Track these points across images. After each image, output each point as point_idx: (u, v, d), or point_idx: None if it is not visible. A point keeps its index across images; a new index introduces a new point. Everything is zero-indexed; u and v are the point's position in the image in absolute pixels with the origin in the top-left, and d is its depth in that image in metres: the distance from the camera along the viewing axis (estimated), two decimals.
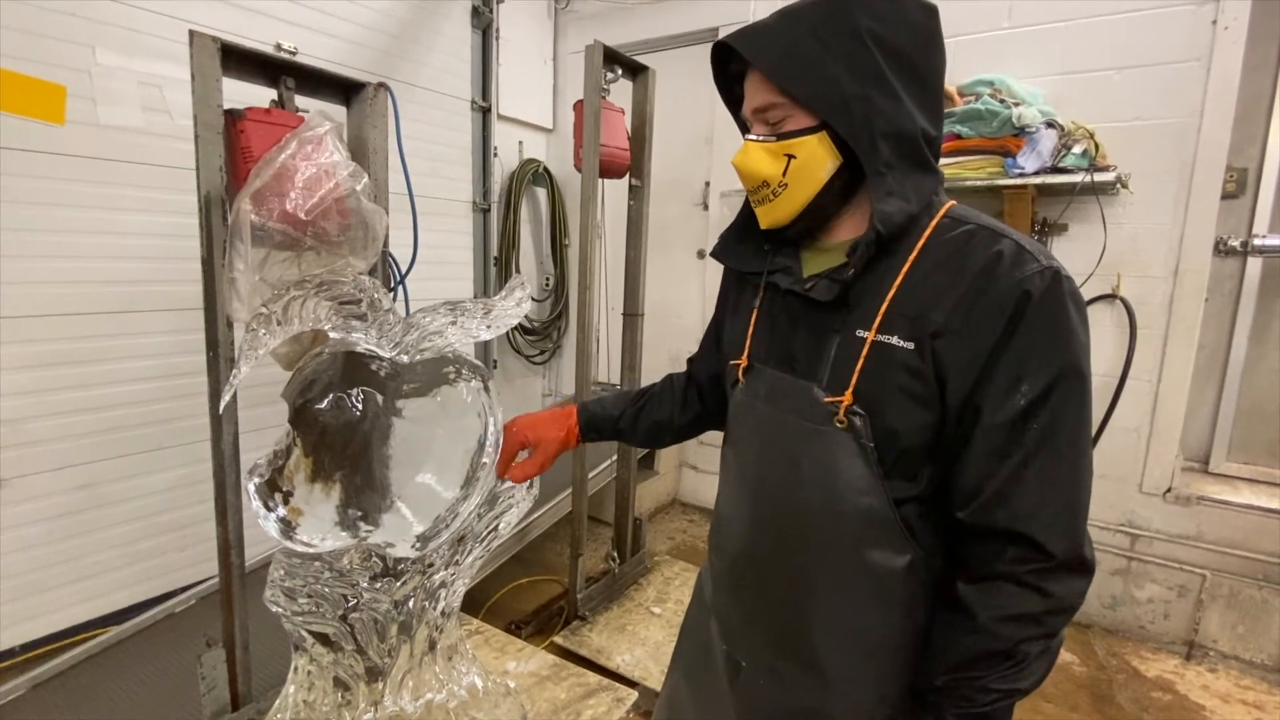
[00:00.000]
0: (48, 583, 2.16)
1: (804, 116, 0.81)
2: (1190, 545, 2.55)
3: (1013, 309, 0.72)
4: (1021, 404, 0.72)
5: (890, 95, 0.77)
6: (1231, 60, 2.32)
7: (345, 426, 1.14)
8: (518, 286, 1.19)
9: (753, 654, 0.95)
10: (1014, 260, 0.74)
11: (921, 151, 0.80)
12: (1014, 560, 0.74)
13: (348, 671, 1.20)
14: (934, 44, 0.81)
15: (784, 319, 0.91)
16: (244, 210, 1.22)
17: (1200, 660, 2.51)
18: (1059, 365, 0.72)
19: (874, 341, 0.79)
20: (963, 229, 0.79)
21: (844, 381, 0.80)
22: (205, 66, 1.21)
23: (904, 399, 0.78)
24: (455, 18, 3.36)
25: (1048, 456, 0.73)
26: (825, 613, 0.87)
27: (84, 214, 2.13)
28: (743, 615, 0.97)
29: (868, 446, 0.79)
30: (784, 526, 0.89)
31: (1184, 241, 2.46)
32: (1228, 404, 2.64)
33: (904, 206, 0.78)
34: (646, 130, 2.47)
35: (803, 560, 0.87)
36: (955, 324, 0.75)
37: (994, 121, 2.45)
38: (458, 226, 3.57)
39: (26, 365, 2.06)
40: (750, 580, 0.95)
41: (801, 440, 0.85)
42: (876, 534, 0.81)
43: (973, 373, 0.74)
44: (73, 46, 2.06)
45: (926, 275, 0.78)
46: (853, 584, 0.84)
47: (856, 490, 0.81)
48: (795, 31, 0.79)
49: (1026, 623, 0.74)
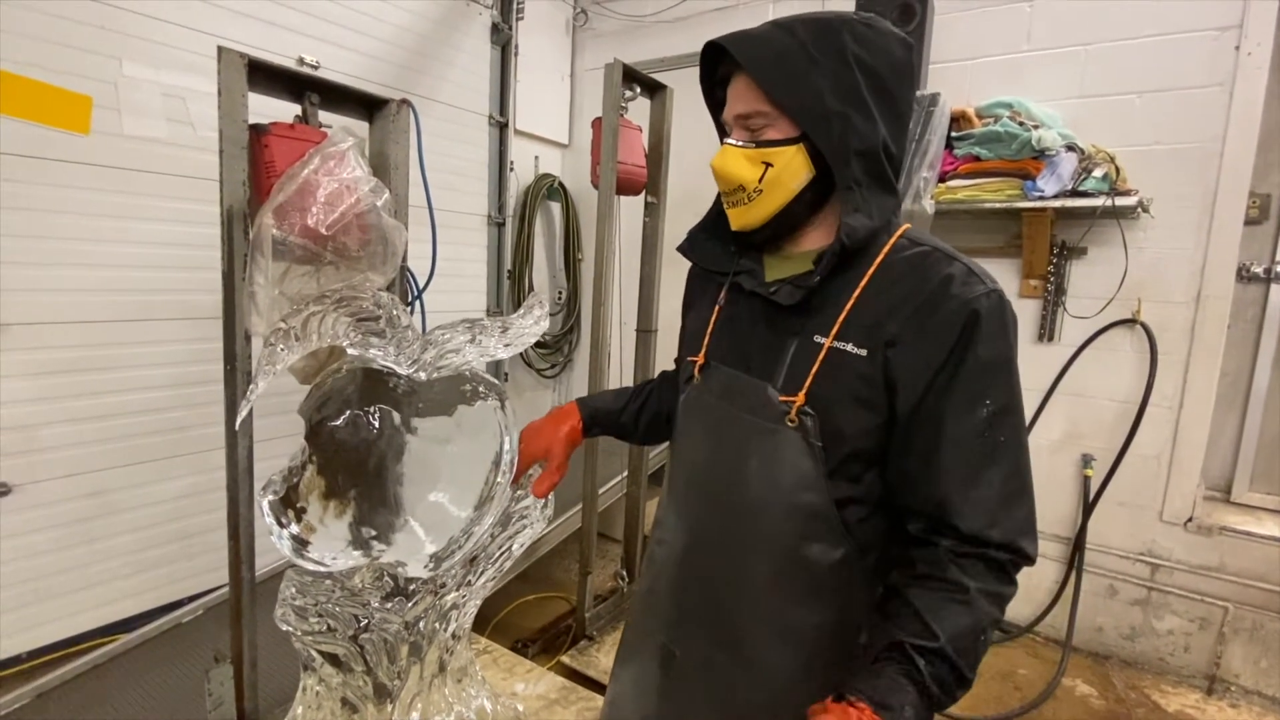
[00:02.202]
0: (54, 590, 2.15)
1: (785, 126, 0.84)
2: (1212, 577, 2.49)
3: (963, 325, 0.78)
4: (985, 416, 0.78)
5: (867, 116, 0.82)
6: (1255, 86, 2.30)
7: (361, 444, 1.13)
8: (536, 305, 1.19)
9: (688, 645, 0.98)
10: (964, 281, 0.80)
11: (886, 172, 0.85)
12: (998, 550, 0.78)
13: (356, 693, 1.18)
14: (908, 75, 0.87)
15: (744, 320, 0.95)
16: (266, 224, 1.22)
17: (1222, 695, 2.45)
18: (1010, 381, 0.80)
19: (831, 347, 0.84)
20: (917, 249, 0.85)
21: (798, 383, 0.85)
22: (232, 82, 1.22)
23: (853, 403, 0.82)
24: (475, 34, 3.39)
25: (1012, 465, 0.79)
26: (761, 604, 0.90)
27: (103, 222, 2.15)
28: (681, 606, 1.00)
29: (815, 445, 0.84)
30: (727, 520, 0.93)
31: (1206, 267, 2.43)
32: (1250, 433, 2.60)
33: (868, 222, 0.83)
34: (664, 148, 2.47)
35: (743, 552, 0.91)
36: (908, 335, 0.80)
37: (1013, 144, 2.44)
38: (472, 240, 3.59)
39: (39, 372, 2.06)
40: (691, 572, 0.98)
41: (752, 437, 0.89)
42: (816, 527, 0.85)
43: (924, 381, 0.79)
44: (100, 58, 2.08)
45: (883, 289, 0.83)
46: (789, 576, 0.88)
47: (801, 486, 0.85)
48: (786, 43, 0.83)
49: (998, 603, 0.78)
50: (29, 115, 1.96)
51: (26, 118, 1.96)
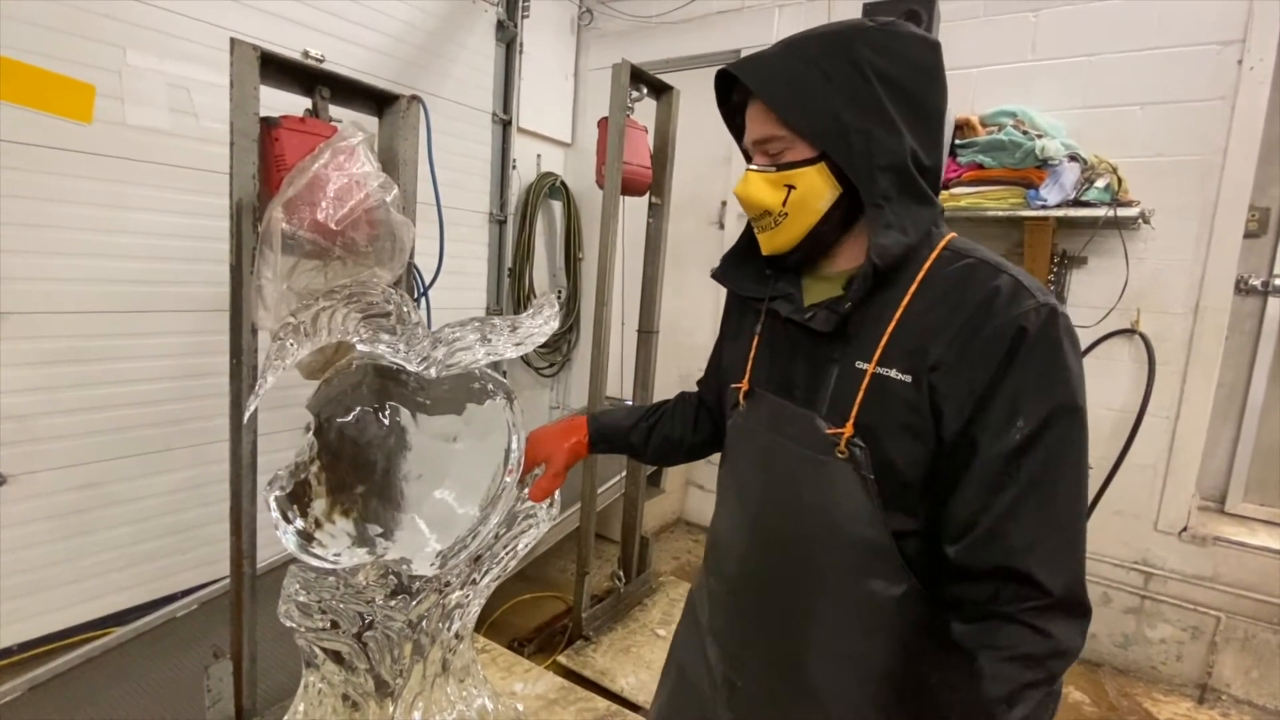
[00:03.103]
0: (48, 582, 2.13)
1: (803, 148, 0.82)
2: (1205, 586, 2.51)
3: (1008, 344, 0.72)
4: (1018, 439, 0.72)
5: (890, 129, 0.78)
6: (1257, 100, 2.32)
7: (369, 441, 1.13)
8: (546, 305, 1.18)
9: (749, 676, 0.95)
10: (1011, 295, 0.74)
11: (919, 184, 0.81)
12: (1010, 599, 0.72)
13: (358, 690, 1.17)
14: (935, 79, 0.82)
15: (784, 346, 0.92)
16: (276, 218, 1.21)
17: (1213, 704, 2.47)
18: (1054, 401, 0.72)
19: (873, 374, 0.79)
20: (964, 262, 0.80)
21: (843, 412, 0.81)
22: (244, 74, 1.21)
23: (902, 432, 0.78)
24: (480, 31, 3.38)
25: (1044, 493, 0.72)
26: (822, 638, 0.87)
27: (104, 212, 2.13)
28: (739, 638, 0.96)
29: (868, 478, 0.79)
30: (783, 552, 0.89)
31: (1205, 279, 2.45)
32: (1245, 444, 2.62)
33: (901, 239, 0.79)
34: (669, 149, 2.47)
35: (801, 586, 0.88)
36: (951, 358, 0.75)
37: (1017, 153, 2.45)
38: (474, 237, 3.58)
39: (36, 361, 2.04)
40: (748, 603, 0.95)
41: (803, 468, 0.86)
42: (875, 564, 0.81)
43: (968, 406, 0.74)
44: (105, 47, 2.07)
45: (926, 309, 0.78)
46: (850, 611, 0.84)
47: (857, 521, 0.81)
48: (797, 62, 0.80)
49: (1027, 665, 0.71)
50: (31, 103, 1.94)
51: (28, 105, 1.94)
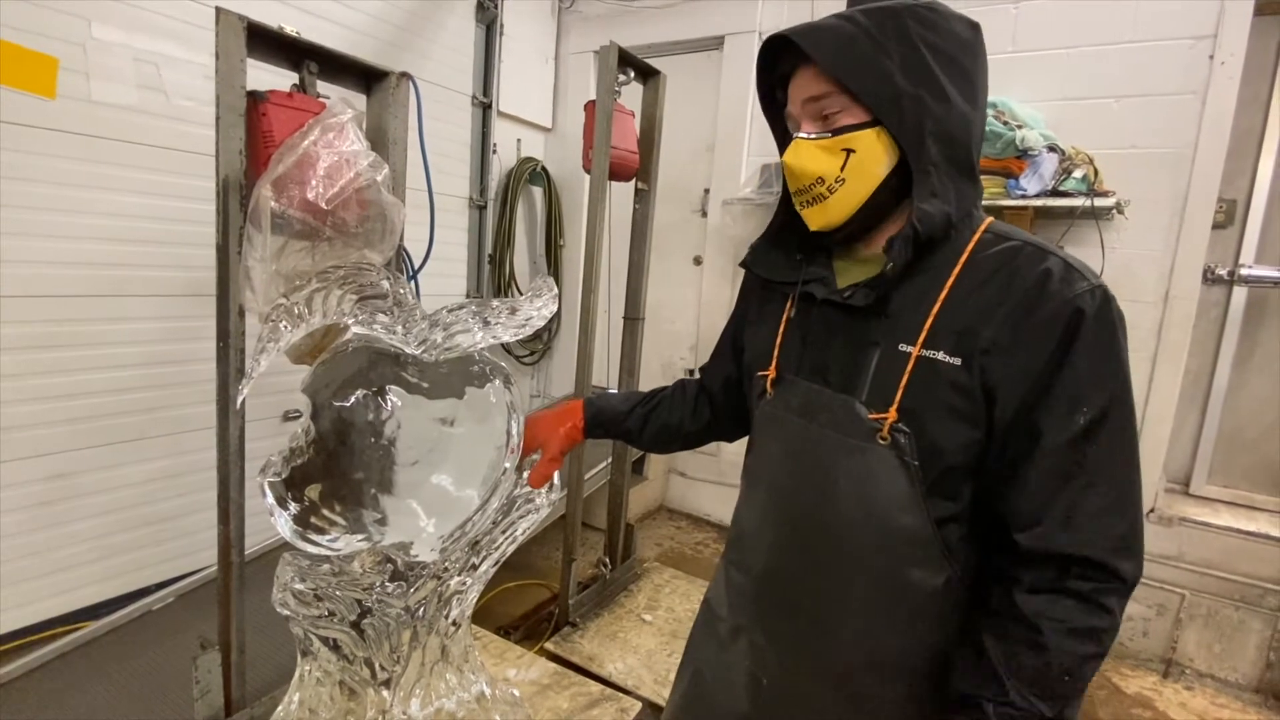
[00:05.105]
0: (17, 575, 2.06)
1: (859, 111, 0.80)
2: (1170, 565, 2.60)
3: (1064, 327, 0.72)
4: (1082, 423, 0.71)
5: (941, 97, 0.78)
6: (1227, 95, 2.39)
7: (366, 425, 1.10)
8: (545, 289, 1.16)
9: (777, 673, 0.92)
10: (1063, 278, 0.73)
11: (968, 157, 0.81)
12: (1080, 579, 0.72)
13: (354, 678, 1.16)
14: (979, 56, 0.83)
15: (819, 330, 0.89)
16: (264, 197, 1.18)
17: (1178, 678, 2.57)
18: (1114, 387, 0.72)
19: (919, 357, 0.77)
20: (1007, 245, 0.79)
21: (886, 396, 0.79)
22: (230, 46, 1.16)
23: (949, 416, 0.76)
24: (459, 12, 3.31)
25: (1111, 479, 0.73)
26: (856, 631, 0.85)
27: (70, 192, 2.04)
28: (767, 633, 0.94)
29: (912, 464, 0.78)
30: (816, 544, 0.87)
31: (1175, 268, 2.52)
32: (1210, 429, 2.72)
33: (944, 208, 0.78)
34: (655, 134, 2.46)
35: (834, 578, 0.85)
36: (1004, 340, 0.74)
37: (998, 143, 2.49)
38: (454, 222, 3.52)
39: (2, 347, 1.96)
40: (776, 598, 0.93)
41: (838, 456, 0.83)
42: (916, 553, 0.80)
43: (1024, 390, 0.73)
44: (68, 18, 1.97)
45: (972, 290, 0.77)
46: (888, 603, 0.82)
47: (897, 508, 0.79)
48: (850, 30, 0.80)
49: (1090, 639, 0.72)
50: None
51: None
